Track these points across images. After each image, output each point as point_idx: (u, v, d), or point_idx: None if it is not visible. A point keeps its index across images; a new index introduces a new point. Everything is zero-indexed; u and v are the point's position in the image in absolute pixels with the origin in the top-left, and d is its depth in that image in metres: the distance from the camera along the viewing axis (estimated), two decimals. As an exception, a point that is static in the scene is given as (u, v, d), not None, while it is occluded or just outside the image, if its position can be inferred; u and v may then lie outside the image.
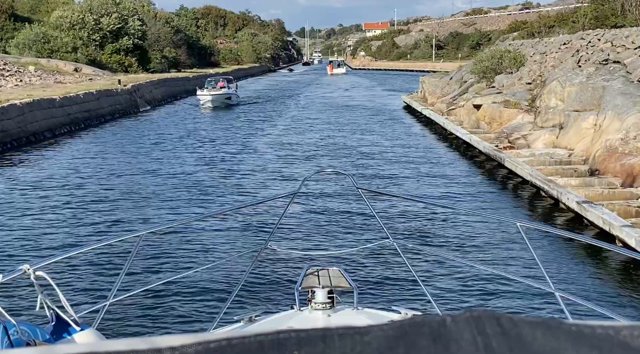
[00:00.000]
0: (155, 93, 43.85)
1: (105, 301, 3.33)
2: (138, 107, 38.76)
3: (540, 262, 3.70)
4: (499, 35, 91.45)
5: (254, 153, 22.45)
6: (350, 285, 3.92)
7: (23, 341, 2.40)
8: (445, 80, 36.64)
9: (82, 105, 30.67)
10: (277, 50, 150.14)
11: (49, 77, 41.74)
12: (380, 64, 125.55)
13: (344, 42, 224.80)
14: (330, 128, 29.85)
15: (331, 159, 20.51)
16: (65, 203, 14.65)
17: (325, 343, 0.55)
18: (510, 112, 22.64)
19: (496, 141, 20.82)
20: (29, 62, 44.86)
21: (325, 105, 42.17)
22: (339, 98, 49.06)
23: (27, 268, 2.74)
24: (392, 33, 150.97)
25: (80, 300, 8.10)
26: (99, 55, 54.81)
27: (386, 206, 13.37)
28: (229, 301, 4.34)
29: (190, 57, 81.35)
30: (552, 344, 0.55)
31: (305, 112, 37.62)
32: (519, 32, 47.22)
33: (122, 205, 14.62)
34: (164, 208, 14.35)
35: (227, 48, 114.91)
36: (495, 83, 29.47)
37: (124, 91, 37.71)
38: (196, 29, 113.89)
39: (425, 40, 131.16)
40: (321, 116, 35.22)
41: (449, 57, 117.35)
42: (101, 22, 56.42)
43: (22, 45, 50.98)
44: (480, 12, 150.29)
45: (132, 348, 0.55)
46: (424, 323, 0.57)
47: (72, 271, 9.59)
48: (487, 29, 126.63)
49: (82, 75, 45.00)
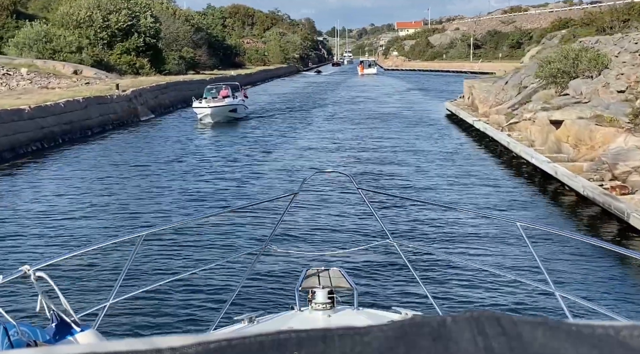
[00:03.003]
0: (161, 99, 38.46)
1: (106, 302, 3.38)
2: (138, 116, 33.42)
3: (540, 262, 3.68)
4: (540, 33, 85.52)
5: (254, 193, 16.77)
6: (350, 285, 3.91)
7: (23, 342, 2.41)
8: (500, 85, 30.57)
9: (61, 116, 25.37)
10: (307, 50, 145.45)
11: (41, 80, 36.75)
12: (414, 64, 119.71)
13: (376, 41, 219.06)
14: (360, 147, 23.99)
15: (362, 210, 14.58)
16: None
17: (326, 343, 0.55)
18: (606, 132, 16.61)
19: (594, 175, 14.85)
20: (23, 64, 39.93)
21: (355, 115, 36.12)
22: (371, 104, 43.17)
23: (27, 268, 2.78)
24: (426, 32, 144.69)
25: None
26: (106, 55, 49.73)
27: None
28: (229, 302, 4.41)
29: (212, 58, 76.12)
30: (552, 344, 0.54)
31: (330, 125, 31.52)
32: (581, 28, 40.76)
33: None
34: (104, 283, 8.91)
35: (254, 48, 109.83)
36: (569, 90, 23.39)
37: (122, 97, 32.38)
38: (222, 29, 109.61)
39: (461, 39, 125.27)
40: (350, 130, 29.23)
41: (488, 57, 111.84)
42: (109, 20, 51.27)
43: (22, 45, 46.11)
44: (519, 10, 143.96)
45: (133, 349, 0.54)
46: (424, 323, 0.57)
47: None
48: (528, 27, 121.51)
49: (82, 78, 39.93)
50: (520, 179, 17.73)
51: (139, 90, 35.63)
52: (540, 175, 17.10)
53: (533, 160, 17.55)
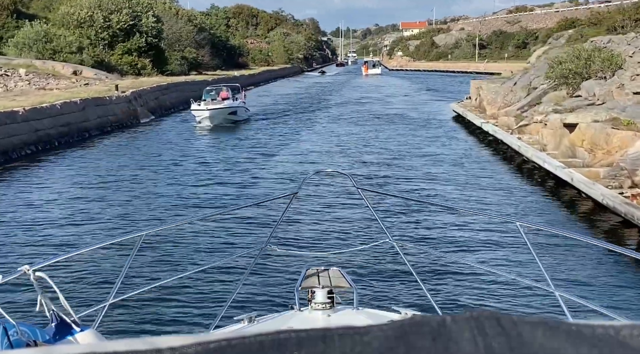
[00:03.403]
0: (162, 100, 37.74)
1: (105, 302, 3.36)
2: (138, 118, 32.70)
3: (540, 262, 3.64)
4: (546, 33, 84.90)
5: (255, 193, 16.02)
6: (350, 285, 3.89)
7: (23, 342, 2.40)
8: (508, 86, 29.75)
9: (57, 118, 24.67)
10: (311, 51, 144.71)
11: (40, 81, 36.10)
12: (419, 65, 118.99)
13: (380, 42, 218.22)
14: (366, 150, 23.22)
15: (362, 210, 13.87)
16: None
17: (325, 343, 0.55)
18: (623, 136, 15.81)
19: (612, 181, 14.06)
20: (21, 64, 39.27)
21: (360, 116, 35.33)
22: (376, 105, 42.41)
23: (27, 268, 2.77)
24: (430, 32, 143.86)
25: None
26: (107, 56, 49.04)
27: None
28: (229, 302, 4.38)
29: (215, 58, 75.37)
30: (552, 344, 0.54)
31: (334, 126, 30.75)
32: (588, 28, 39.91)
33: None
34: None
35: (257, 48, 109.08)
36: (581, 91, 22.60)
37: (121, 99, 31.67)
38: (226, 29, 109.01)
39: (466, 39, 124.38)
40: (354, 131, 28.47)
41: (493, 57, 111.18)
42: (111, 20, 50.57)
43: (22, 45, 45.45)
44: (524, 10, 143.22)
45: (132, 349, 0.54)
46: (423, 323, 0.57)
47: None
48: (534, 26, 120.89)
49: (82, 78, 39.26)
50: (533, 185, 16.93)
51: (139, 91, 34.92)
52: (553, 180, 16.30)
53: (546, 165, 16.74)
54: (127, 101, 32.27)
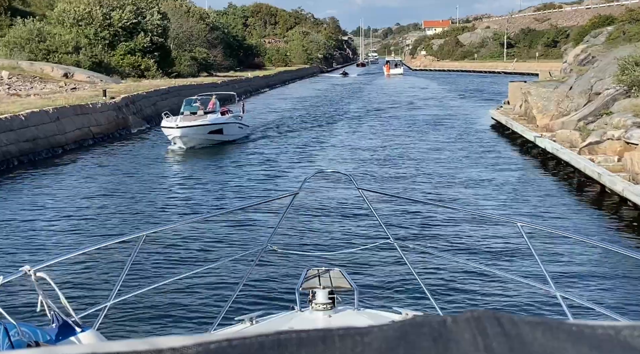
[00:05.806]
0: (160, 107, 33.28)
1: (106, 302, 3.35)
2: (129, 127, 28.37)
3: (540, 262, 3.62)
4: (578, 31, 79.67)
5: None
6: (350, 286, 3.88)
7: (24, 343, 2.40)
8: (562, 90, 24.93)
9: (19, 132, 20.38)
10: (331, 50, 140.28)
11: (23, 85, 32.00)
12: (444, 64, 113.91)
13: (402, 41, 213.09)
14: (390, 174, 18.59)
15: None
16: None
17: (326, 343, 0.55)
18: None
19: None
20: (6, 66, 35.18)
21: (383, 126, 30.65)
22: (402, 110, 37.74)
23: (27, 269, 2.77)
24: (455, 30, 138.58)
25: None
26: (107, 56, 44.86)
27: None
28: (229, 302, 4.35)
29: (228, 58, 71.05)
30: (552, 344, 0.54)
31: (353, 139, 26.00)
32: (629, 24, 34.89)
33: None
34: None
35: (275, 47, 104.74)
36: (668, 99, 17.81)
37: (108, 106, 27.34)
38: (243, 28, 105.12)
39: (493, 38, 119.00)
40: (376, 146, 23.79)
41: (522, 56, 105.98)
42: (112, 17, 46.38)
43: (13, 45, 41.40)
44: (552, 7, 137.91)
45: (133, 349, 0.54)
46: (424, 323, 0.57)
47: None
48: (564, 24, 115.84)
49: (72, 81, 35.10)
50: (630, 231, 12.23)
51: (132, 97, 30.59)
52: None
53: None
54: (116, 108, 27.94)
